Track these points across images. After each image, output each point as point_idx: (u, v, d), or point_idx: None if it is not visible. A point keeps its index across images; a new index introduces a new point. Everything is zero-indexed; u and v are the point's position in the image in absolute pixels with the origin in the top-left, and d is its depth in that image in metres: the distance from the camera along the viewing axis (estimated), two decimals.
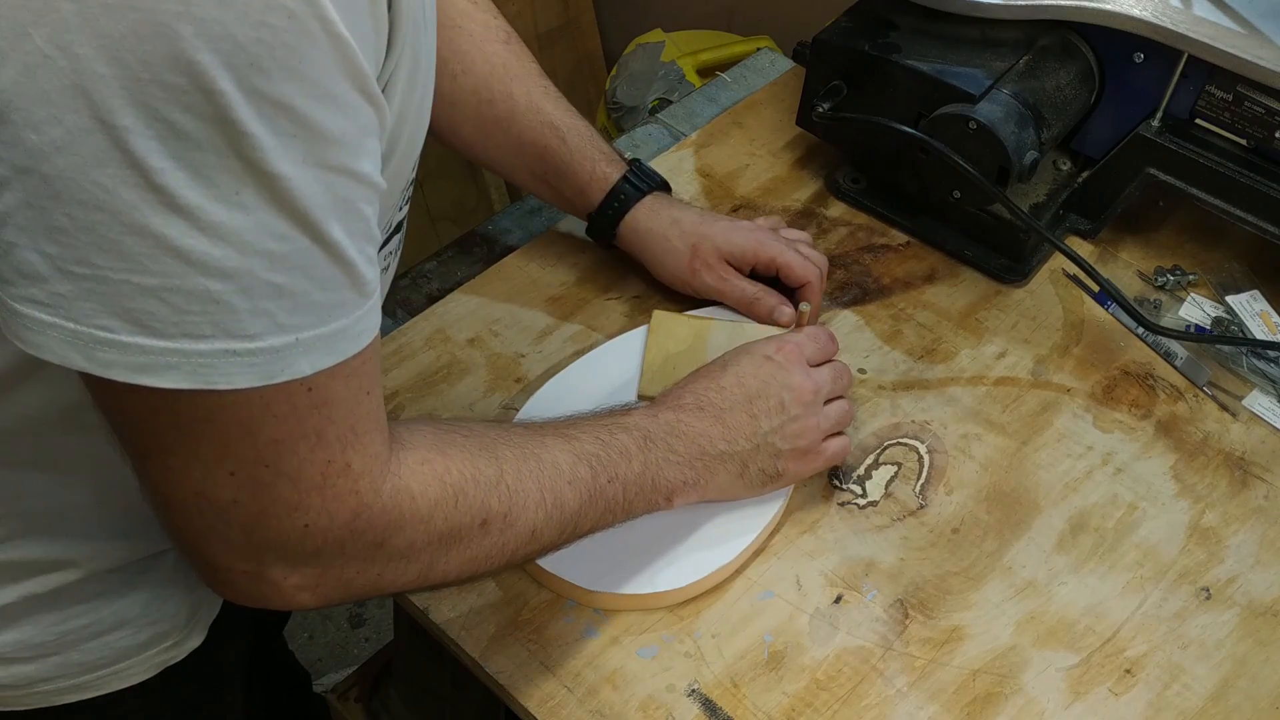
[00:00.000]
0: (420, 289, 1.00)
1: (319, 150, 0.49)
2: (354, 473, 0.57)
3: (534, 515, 0.67)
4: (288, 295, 0.50)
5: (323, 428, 0.55)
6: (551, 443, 0.70)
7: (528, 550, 0.69)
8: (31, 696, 0.72)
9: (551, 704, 0.74)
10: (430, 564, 0.64)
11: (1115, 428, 0.91)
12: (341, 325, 0.53)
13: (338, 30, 0.47)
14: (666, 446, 0.75)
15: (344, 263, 0.52)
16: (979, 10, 0.94)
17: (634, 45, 1.93)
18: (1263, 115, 0.91)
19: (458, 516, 0.63)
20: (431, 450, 0.63)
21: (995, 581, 0.81)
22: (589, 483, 0.70)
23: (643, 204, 0.93)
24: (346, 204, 0.51)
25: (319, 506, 0.57)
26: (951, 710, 0.75)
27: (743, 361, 0.80)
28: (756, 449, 0.78)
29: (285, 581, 0.59)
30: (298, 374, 0.52)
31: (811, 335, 0.84)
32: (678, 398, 0.78)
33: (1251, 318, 0.97)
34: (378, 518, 0.59)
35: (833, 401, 0.82)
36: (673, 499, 0.76)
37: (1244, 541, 0.84)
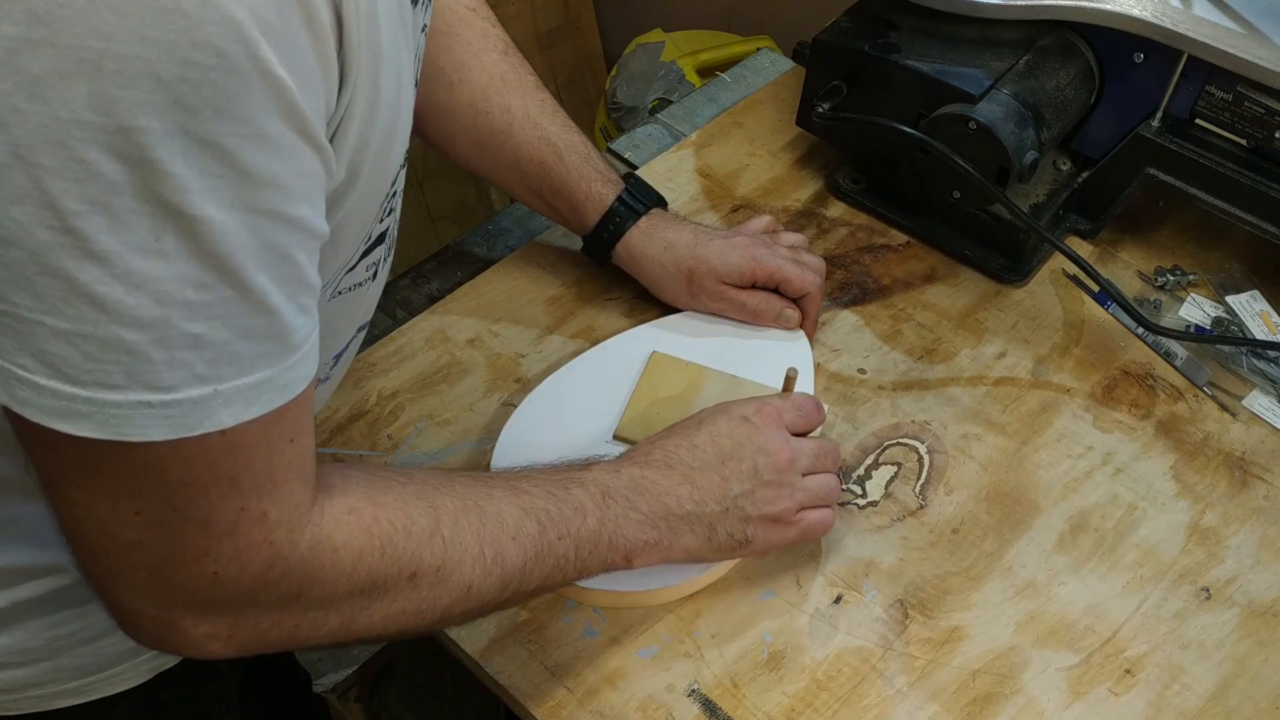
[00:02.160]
0: (420, 289, 1.00)
1: (248, 193, 0.47)
2: (270, 521, 0.55)
3: (471, 570, 0.64)
4: (207, 345, 0.49)
5: (237, 474, 0.53)
6: (498, 494, 0.67)
7: (464, 607, 0.65)
8: (24, 701, 0.71)
9: (551, 704, 0.74)
10: (352, 616, 0.61)
11: (1115, 428, 0.91)
12: (266, 376, 0.51)
13: (272, 70, 0.46)
14: (627, 503, 0.72)
15: (268, 312, 0.50)
16: (979, 10, 0.94)
17: (634, 45, 1.93)
18: (1263, 115, 0.91)
19: (383, 568, 0.61)
20: (361, 498, 0.61)
21: (995, 581, 0.81)
22: (536, 538, 0.67)
23: (638, 226, 0.92)
24: (275, 250, 0.49)
25: (229, 554, 0.54)
26: (951, 710, 0.75)
27: (719, 420, 0.77)
28: (725, 512, 0.74)
29: (194, 630, 0.57)
30: (217, 426, 0.50)
31: (795, 403, 0.80)
32: (646, 453, 0.75)
33: (1251, 318, 0.97)
34: (294, 568, 0.57)
35: (815, 475, 0.78)
36: (632, 559, 0.72)
37: (1244, 541, 0.84)
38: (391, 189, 0.64)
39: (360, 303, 0.71)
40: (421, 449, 0.86)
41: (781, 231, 0.97)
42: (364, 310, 0.73)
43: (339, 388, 0.89)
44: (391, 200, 0.65)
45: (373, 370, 0.91)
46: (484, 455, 0.86)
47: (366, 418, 0.88)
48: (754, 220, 0.97)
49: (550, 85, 2.09)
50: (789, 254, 0.92)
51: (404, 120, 0.60)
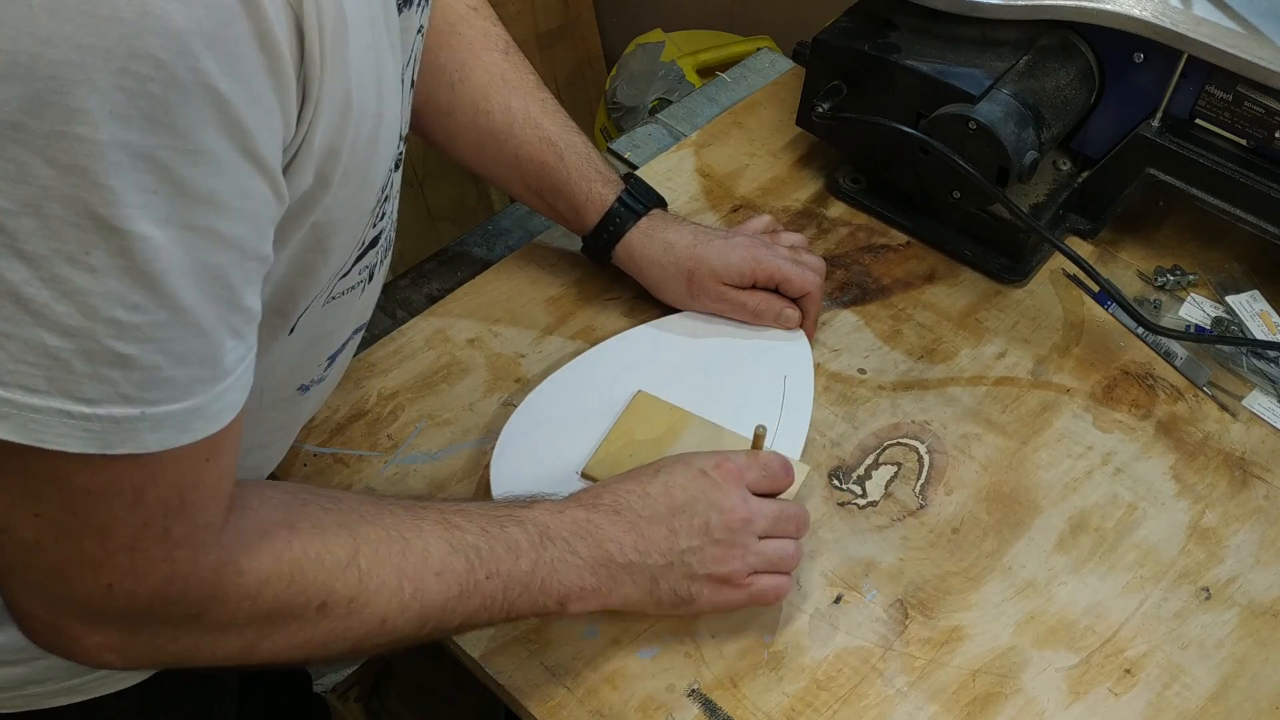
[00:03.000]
0: (420, 289, 1.00)
1: (183, 209, 0.46)
2: (173, 539, 0.53)
3: (387, 604, 0.63)
4: (136, 368, 0.48)
5: (143, 489, 0.51)
6: (428, 528, 0.66)
7: (378, 640, 0.64)
8: (22, 699, 0.71)
9: (551, 704, 0.74)
10: (255, 641, 0.60)
11: (1115, 428, 0.91)
12: (198, 403, 0.50)
13: (215, 84, 0.44)
14: (567, 547, 0.69)
15: (201, 335, 0.49)
16: (979, 10, 0.94)
17: (634, 45, 1.93)
18: (1263, 115, 0.91)
19: (290, 596, 0.59)
20: (277, 523, 0.60)
21: (995, 581, 0.81)
22: (462, 576, 0.65)
23: (638, 228, 0.92)
24: (209, 270, 0.48)
25: (126, 568, 0.53)
26: (951, 710, 0.75)
27: (676, 471, 0.74)
28: (670, 566, 0.72)
29: (86, 639, 0.56)
30: (140, 449, 0.49)
31: (761, 462, 0.76)
32: (595, 495, 0.73)
33: (1251, 318, 0.97)
34: (193, 589, 0.56)
35: (774, 539, 0.75)
36: (567, 605, 0.70)
37: (1244, 541, 0.84)
38: (383, 194, 0.63)
39: (355, 306, 0.70)
40: (421, 449, 0.86)
41: (781, 231, 0.97)
42: (360, 312, 0.73)
43: (339, 388, 0.89)
44: (384, 205, 0.65)
45: (373, 370, 0.91)
46: (484, 455, 0.86)
47: (366, 418, 0.88)
48: (754, 220, 0.97)
49: (550, 85, 2.07)
50: (789, 254, 0.92)
51: (389, 126, 0.60)
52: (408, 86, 0.66)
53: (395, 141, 0.62)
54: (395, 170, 0.67)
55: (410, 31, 0.64)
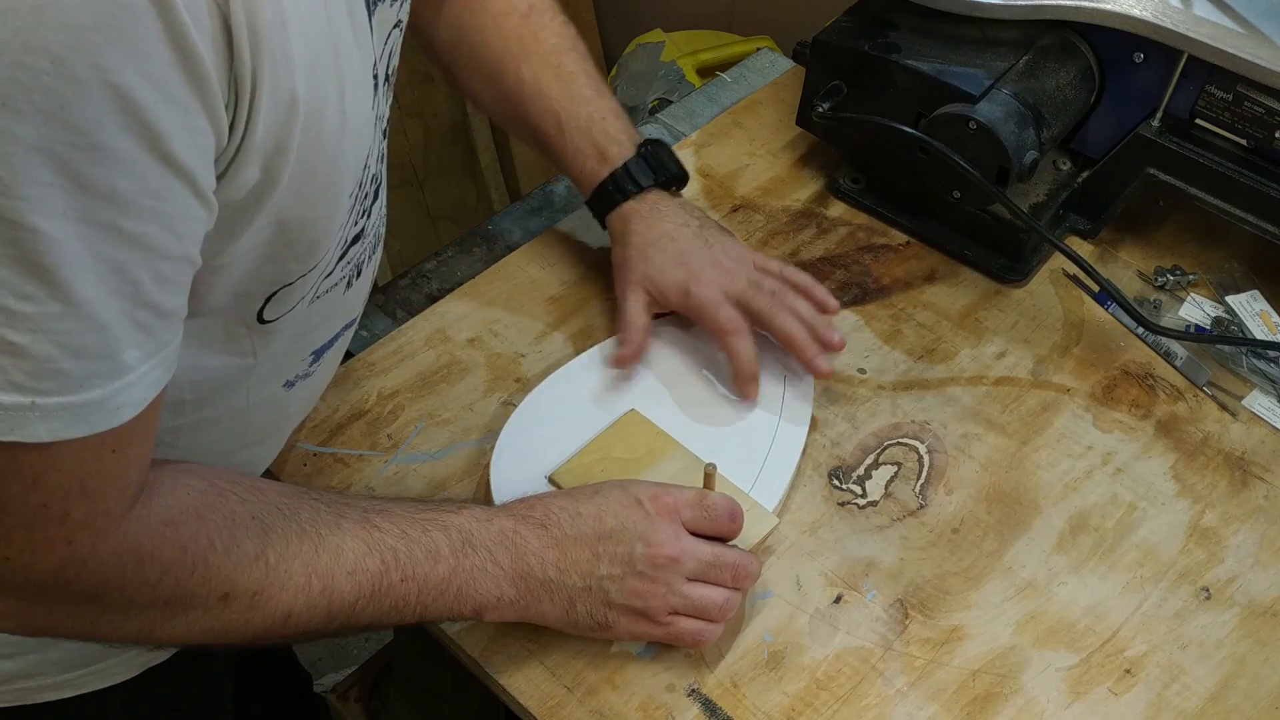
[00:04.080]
0: (420, 289, 1.00)
1: (84, 205, 0.46)
2: (72, 522, 0.54)
3: (292, 599, 0.63)
4: (27, 357, 0.47)
5: (42, 472, 0.51)
6: (348, 526, 0.66)
7: (282, 632, 0.64)
8: (12, 694, 0.71)
9: (551, 704, 0.74)
10: (153, 625, 0.60)
11: (1115, 428, 0.91)
12: (95, 396, 0.50)
13: (116, 82, 0.44)
14: (489, 556, 0.69)
15: (99, 329, 0.49)
16: (979, 10, 0.94)
17: (634, 45, 1.93)
18: (1263, 115, 0.91)
19: (192, 585, 0.59)
20: (187, 513, 0.60)
21: (995, 581, 0.81)
22: (376, 576, 0.65)
23: (618, 215, 0.90)
24: (114, 267, 0.48)
25: (23, 544, 0.53)
26: (951, 710, 0.75)
27: (613, 495, 0.73)
28: (588, 590, 0.71)
29: None
30: (30, 438, 0.49)
31: (704, 503, 0.74)
32: (528, 507, 0.72)
33: (1251, 318, 0.97)
34: (91, 571, 0.56)
35: (704, 585, 0.72)
36: (482, 614, 0.70)
37: (1244, 541, 0.84)
38: (361, 190, 0.63)
39: (341, 302, 0.70)
40: (421, 449, 0.86)
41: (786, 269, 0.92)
42: (349, 308, 0.72)
43: (338, 387, 0.89)
44: (365, 201, 0.64)
45: (372, 370, 0.91)
46: (484, 455, 0.86)
47: (366, 417, 0.88)
48: (770, 261, 0.92)
49: None
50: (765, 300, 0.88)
51: (357, 123, 0.59)
52: (383, 80, 0.65)
53: (367, 138, 0.61)
54: (380, 164, 0.66)
55: (386, 26, 0.63)
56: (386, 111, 0.68)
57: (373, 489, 0.84)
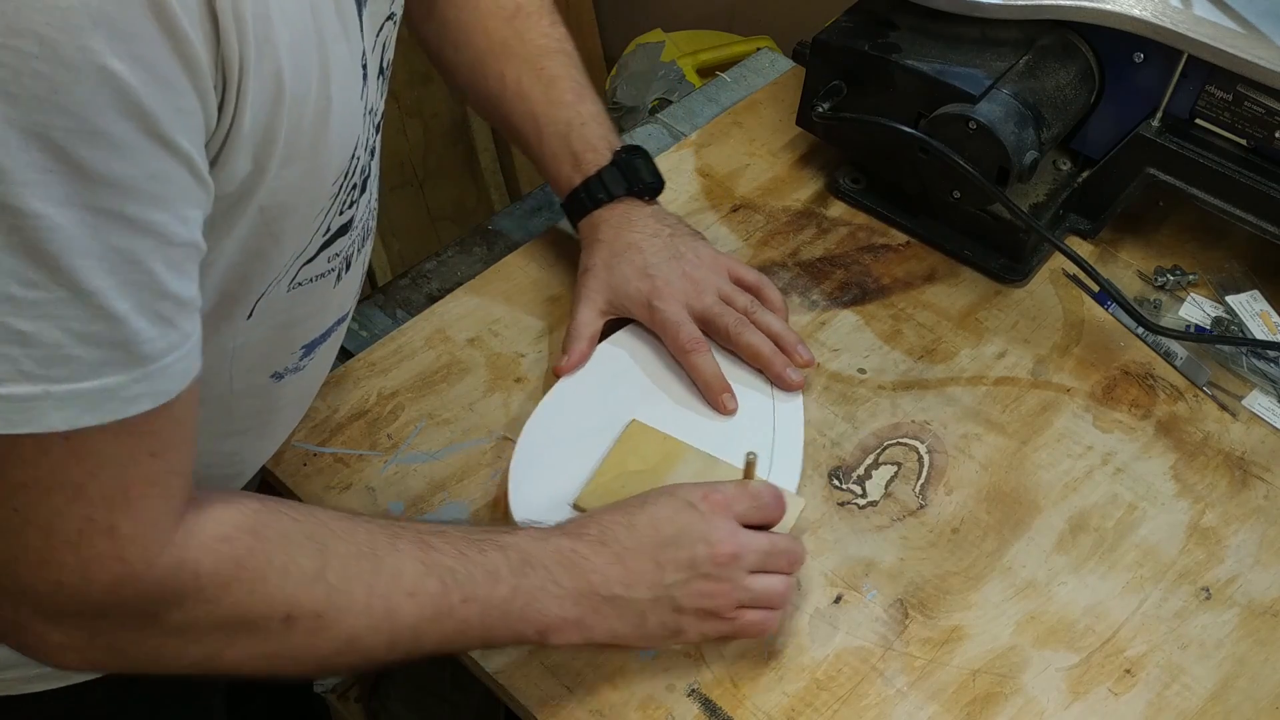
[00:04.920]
0: (420, 289, 1.00)
1: (84, 191, 0.45)
2: (120, 536, 0.53)
3: (355, 621, 0.61)
4: (36, 344, 0.47)
5: (83, 483, 0.51)
6: (404, 547, 0.64)
7: (347, 660, 0.63)
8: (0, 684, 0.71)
9: (551, 704, 0.74)
10: (217, 650, 0.59)
11: (1115, 428, 0.91)
12: (108, 384, 0.49)
13: (106, 64, 0.43)
14: (548, 575, 0.67)
15: (110, 319, 0.48)
16: (979, 10, 0.94)
17: (634, 45, 1.93)
18: (1263, 115, 0.91)
19: (252, 605, 0.58)
20: (241, 529, 0.58)
21: (995, 581, 0.81)
22: (436, 598, 0.64)
23: (588, 222, 0.90)
24: (121, 254, 0.47)
25: (73, 564, 0.52)
26: (951, 710, 0.75)
27: (663, 502, 0.72)
28: (657, 601, 0.70)
29: (48, 637, 0.55)
30: (47, 428, 0.48)
31: (751, 493, 0.74)
32: (581, 526, 0.71)
33: (1251, 318, 0.97)
34: (148, 589, 0.55)
35: (764, 574, 0.73)
36: (547, 635, 0.68)
37: (1244, 541, 0.84)
38: (347, 179, 0.62)
39: (331, 295, 0.69)
40: (421, 448, 0.86)
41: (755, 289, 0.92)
42: (340, 302, 0.72)
43: (338, 387, 0.89)
44: (352, 192, 0.64)
45: (373, 370, 0.91)
46: (484, 454, 0.86)
47: (366, 417, 0.88)
48: (745, 271, 0.93)
49: None
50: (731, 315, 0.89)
51: (343, 113, 0.58)
52: (375, 72, 0.65)
53: (355, 128, 0.61)
54: (370, 158, 0.66)
55: (378, 19, 0.63)
56: (380, 105, 0.68)
57: (373, 489, 0.84)
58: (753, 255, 1.01)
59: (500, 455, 0.86)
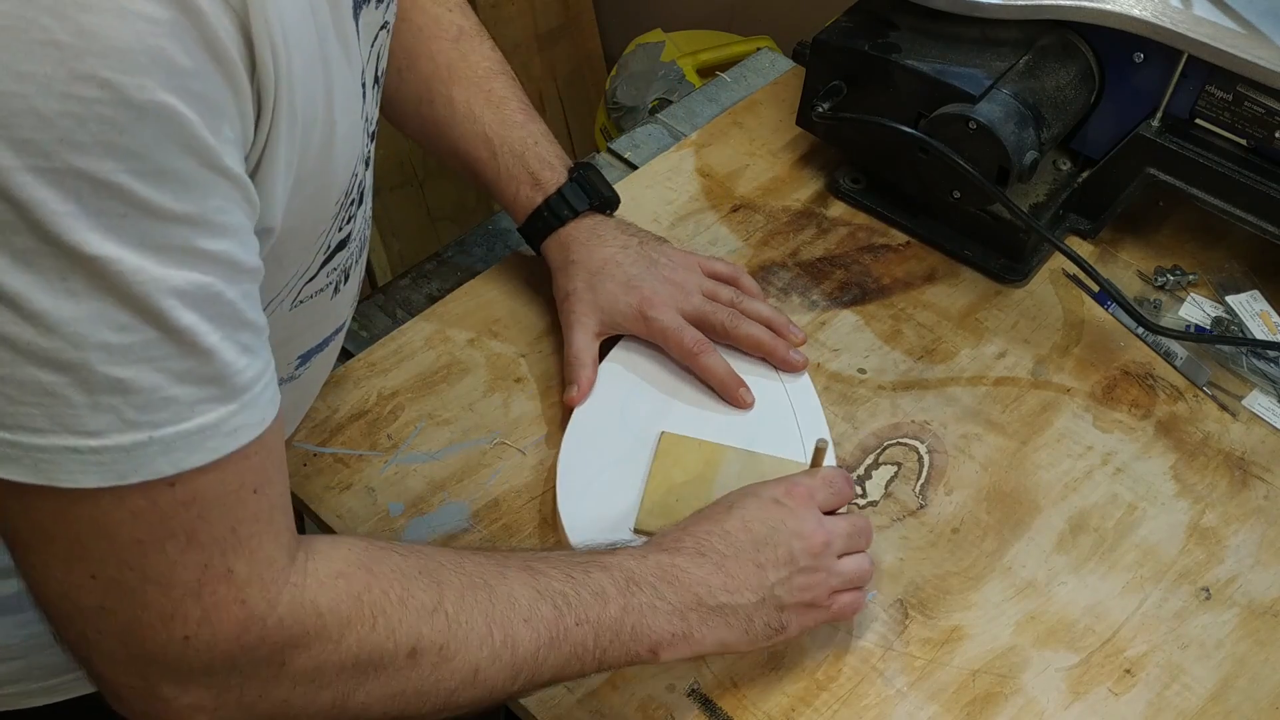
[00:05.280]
0: (420, 289, 1.00)
1: (159, 231, 0.45)
2: (238, 579, 0.52)
3: (478, 652, 0.60)
4: (135, 391, 0.47)
5: (194, 528, 0.50)
6: (512, 575, 0.64)
7: (472, 694, 0.61)
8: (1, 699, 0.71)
9: (551, 704, 0.74)
10: (347, 694, 0.58)
11: (1115, 428, 0.91)
12: (209, 420, 0.49)
13: (165, 101, 0.44)
14: (654, 592, 0.67)
15: (203, 353, 0.48)
16: (979, 10, 0.94)
17: (634, 45, 1.93)
18: (1263, 115, 0.91)
19: (377, 640, 0.57)
20: (353, 565, 0.58)
21: (995, 581, 0.81)
22: (551, 622, 0.63)
23: (555, 241, 0.90)
24: (202, 288, 0.48)
25: (198, 616, 0.52)
26: (951, 710, 0.75)
27: (749, 504, 0.73)
28: (762, 602, 0.70)
29: (178, 701, 0.54)
30: (155, 474, 0.48)
31: (827, 480, 0.75)
32: (675, 540, 0.71)
33: (1251, 318, 0.97)
34: (272, 632, 0.54)
35: (847, 556, 0.74)
36: (659, 652, 0.68)
37: (1244, 541, 0.84)
38: (347, 197, 0.62)
39: (329, 309, 0.69)
40: (421, 449, 0.86)
41: (739, 279, 0.94)
42: (337, 313, 0.72)
43: (338, 387, 0.89)
44: (350, 208, 0.64)
45: (373, 370, 0.91)
46: (483, 454, 0.86)
47: (366, 417, 0.88)
48: (718, 264, 0.94)
49: (550, 85, 2.09)
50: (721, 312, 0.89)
51: (346, 131, 0.59)
52: (371, 84, 0.65)
53: (357, 144, 0.61)
54: (366, 168, 0.66)
55: (372, 28, 0.63)
56: (375, 113, 0.68)
57: (373, 489, 0.84)
58: (753, 255, 1.01)
59: (500, 456, 0.86)
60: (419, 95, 0.90)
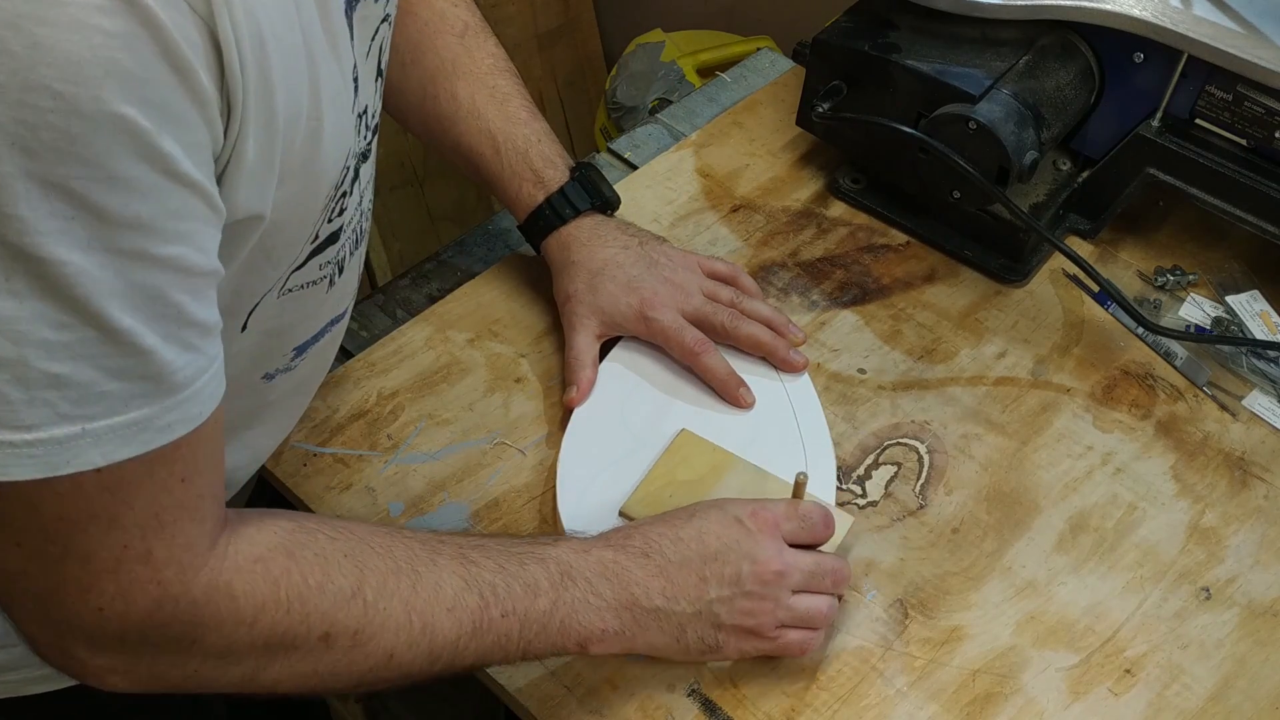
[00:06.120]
0: (420, 289, 1.00)
1: (105, 235, 0.46)
2: (156, 561, 0.54)
3: (394, 638, 0.62)
4: (71, 385, 0.48)
5: (117, 512, 0.52)
6: (443, 562, 0.65)
7: (386, 675, 0.63)
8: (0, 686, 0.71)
9: (551, 704, 0.74)
10: (256, 670, 0.60)
11: (1115, 428, 0.91)
12: (142, 415, 0.50)
13: (119, 111, 0.44)
14: (589, 588, 0.68)
15: (140, 352, 0.49)
16: (979, 10, 0.94)
17: (634, 45, 1.93)
18: (1263, 115, 0.91)
19: (290, 624, 0.59)
20: (275, 549, 0.59)
21: (995, 581, 0.81)
22: (476, 613, 0.64)
23: (556, 241, 0.90)
24: (145, 291, 0.48)
25: (113, 591, 0.53)
26: (951, 710, 0.75)
27: (711, 516, 0.72)
28: (698, 615, 0.70)
29: (91, 662, 0.56)
30: (87, 465, 0.49)
31: (801, 513, 0.74)
32: (625, 536, 0.71)
33: (1251, 318, 0.97)
34: (185, 612, 0.56)
35: (808, 595, 0.73)
36: (587, 646, 0.69)
37: (1244, 541, 0.84)
38: (338, 190, 0.63)
39: (324, 300, 0.69)
40: (421, 449, 0.86)
41: (738, 277, 0.94)
42: (334, 305, 0.72)
43: (338, 387, 0.89)
44: (342, 200, 0.64)
45: (373, 370, 0.91)
46: (483, 454, 0.86)
47: (366, 417, 0.88)
48: (717, 264, 0.94)
49: (550, 85, 2.09)
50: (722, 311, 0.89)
51: (334, 127, 0.59)
52: (373, 78, 0.65)
53: (347, 139, 0.61)
54: (362, 161, 0.66)
55: (371, 22, 0.63)
56: (378, 106, 0.68)
57: (373, 489, 0.84)
58: (753, 255, 1.01)
59: (500, 456, 0.86)
60: (423, 90, 0.90)
